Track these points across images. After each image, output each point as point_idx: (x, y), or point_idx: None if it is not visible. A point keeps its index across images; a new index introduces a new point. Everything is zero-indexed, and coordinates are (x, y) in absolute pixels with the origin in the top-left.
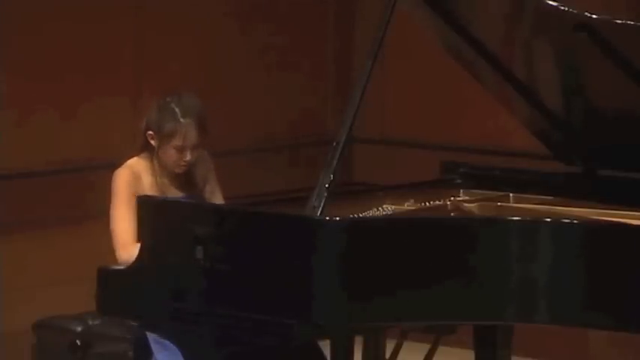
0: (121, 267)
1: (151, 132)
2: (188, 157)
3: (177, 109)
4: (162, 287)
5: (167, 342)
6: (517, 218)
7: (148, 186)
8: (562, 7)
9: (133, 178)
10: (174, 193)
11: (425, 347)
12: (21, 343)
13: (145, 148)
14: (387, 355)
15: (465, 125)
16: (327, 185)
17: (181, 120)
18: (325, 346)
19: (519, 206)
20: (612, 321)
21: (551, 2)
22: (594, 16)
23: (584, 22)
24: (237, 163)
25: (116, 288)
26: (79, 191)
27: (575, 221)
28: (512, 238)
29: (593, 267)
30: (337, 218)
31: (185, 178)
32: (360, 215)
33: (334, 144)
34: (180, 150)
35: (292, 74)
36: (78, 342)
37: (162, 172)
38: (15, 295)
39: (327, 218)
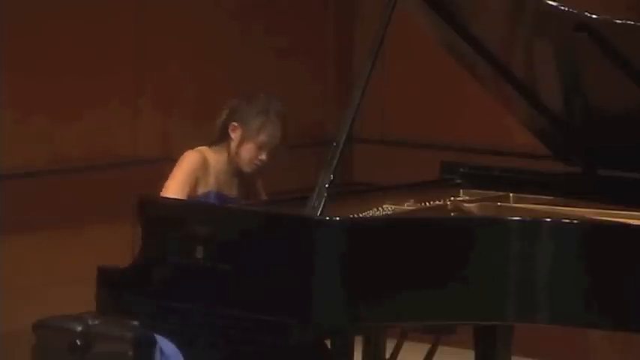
0: (121, 267)
1: (235, 123)
2: (264, 156)
3: (269, 107)
4: (163, 287)
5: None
6: (517, 218)
7: (212, 175)
8: (562, 7)
9: (202, 165)
10: (232, 192)
11: (425, 347)
12: (21, 343)
13: (219, 141)
14: (387, 355)
15: (465, 125)
16: (327, 185)
17: (273, 119)
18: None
19: (519, 206)
20: (612, 321)
21: (551, 2)
22: (594, 16)
23: (584, 22)
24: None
25: (116, 288)
26: (79, 191)
27: (575, 221)
28: (512, 238)
29: (593, 267)
30: (337, 218)
31: (246, 183)
32: (360, 215)
33: (334, 144)
34: (261, 147)
35: (292, 74)
36: (78, 342)
37: (227, 168)
38: (15, 295)
39: (327, 218)
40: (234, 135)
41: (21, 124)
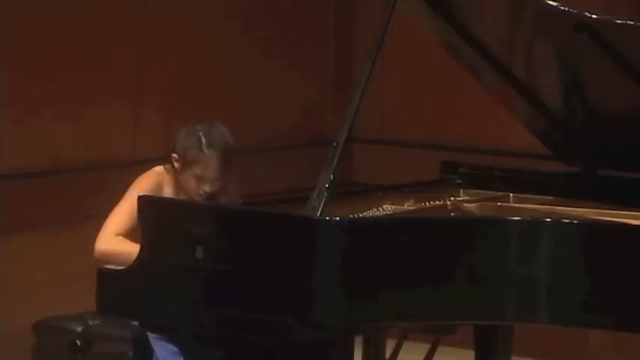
0: (121, 267)
1: (175, 155)
2: (207, 188)
3: (203, 139)
4: (163, 287)
5: (167, 341)
6: (517, 218)
7: (168, 195)
8: (562, 7)
9: (155, 188)
10: None
11: (425, 347)
12: (21, 343)
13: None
14: (387, 355)
15: (465, 125)
16: (327, 185)
17: (205, 150)
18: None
19: (519, 206)
20: (612, 321)
21: (551, 2)
22: (594, 16)
23: (584, 22)
24: (237, 163)
25: (116, 288)
26: (79, 191)
27: (575, 221)
28: (512, 238)
29: (593, 267)
30: (337, 218)
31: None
32: (360, 215)
33: (334, 144)
34: (199, 179)
35: (292, 74)
36: (78, 342)
37: (184, 191)
38: (15, 295)
39: (327, 218)
40: (177, 165)
41: (21, 124)
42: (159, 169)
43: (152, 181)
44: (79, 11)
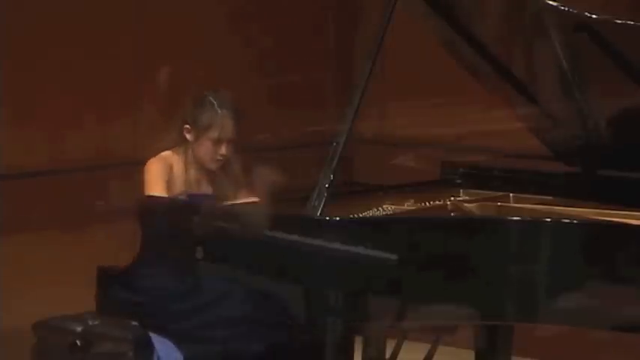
0: (121, 267)
1: (187, 126)
2: (224, 150)
3: (214, 101)
4: (162, 287)
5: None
6: (517, 218)
7: (179, 176)
8: (562, 7)
9: (165, 167)
10: (204, 189)
11: (425, 347)
12: (21, 343)
13: (178, 143)
14: (387, 355)
15: (465, 125)
16: (327, 185)
17: (219, 111)
18: None
19: (519, 206)
20: (612, 321)
21: (551, 2)
22: (594, 16)
23: (584, 22)
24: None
25: (116, 288)
26: (79, 191)
27: (575, 221)
28: (512, 238)
29: (593, 267)
30: (337, 218)
31: (217, 176)
32: (360, 215)
33: (334, 144)
34: (217, 142)
35: (292, 75)
36: (78, 342)
37: (195, 166)
38: (15, 295)
39: (327, 218)
40: (189, 137)
41: (21, 124)
42: (165, 153)
43: (161, 162)
44: (79, 11)
